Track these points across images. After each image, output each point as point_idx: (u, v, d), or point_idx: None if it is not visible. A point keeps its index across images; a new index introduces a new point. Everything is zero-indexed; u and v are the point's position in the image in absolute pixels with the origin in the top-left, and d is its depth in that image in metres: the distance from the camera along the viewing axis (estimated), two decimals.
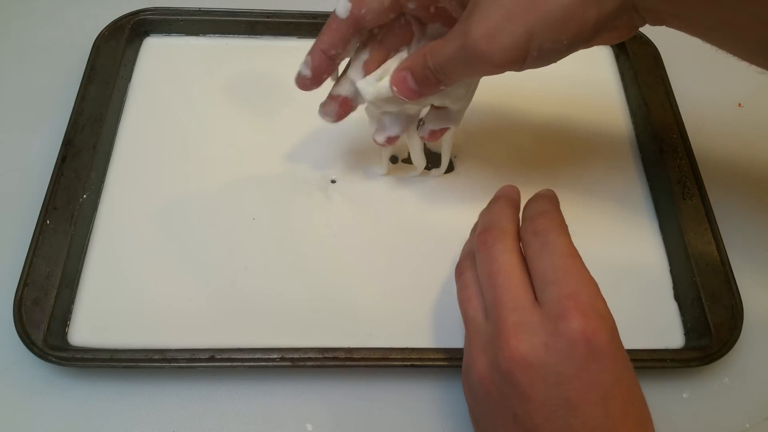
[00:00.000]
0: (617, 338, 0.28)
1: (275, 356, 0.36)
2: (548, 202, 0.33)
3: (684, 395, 0.38)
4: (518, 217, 0.34)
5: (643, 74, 0.48)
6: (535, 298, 0.29)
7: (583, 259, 0.31)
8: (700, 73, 0.49)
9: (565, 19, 0.29)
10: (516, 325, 0.28)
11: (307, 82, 0.37)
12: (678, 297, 0.40)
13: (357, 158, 0.45)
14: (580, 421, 0.27)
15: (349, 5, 0.34)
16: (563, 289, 0.28)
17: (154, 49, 0.50)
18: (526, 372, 0.27)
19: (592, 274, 0.32)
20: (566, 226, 0.32)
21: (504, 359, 0.28)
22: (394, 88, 0.34)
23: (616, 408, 0.27)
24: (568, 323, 0.27)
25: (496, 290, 0.30)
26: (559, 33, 0.29)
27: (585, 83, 0.49)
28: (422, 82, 0.34)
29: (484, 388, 0.30)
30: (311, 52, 0.36)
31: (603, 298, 0.29)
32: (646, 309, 0.40)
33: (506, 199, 0.35)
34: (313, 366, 0.36)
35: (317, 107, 0.38)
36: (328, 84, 0.38)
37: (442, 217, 0.43)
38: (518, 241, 0.32)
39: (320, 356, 0.36)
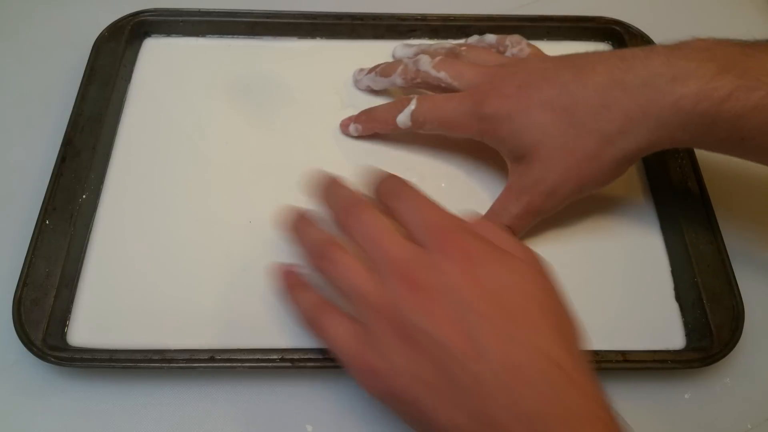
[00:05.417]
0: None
1: (275, 357, 0.35)
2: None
3: (685, 396, 0.38)
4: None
5: None
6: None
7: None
8: None
9: (611, 176, 0.37)
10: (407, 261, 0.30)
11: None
12: (679, 298, 0.40)
13: (357, 159, 0.45)
14: None
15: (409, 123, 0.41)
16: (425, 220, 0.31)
17: (154, 50, 0.50)
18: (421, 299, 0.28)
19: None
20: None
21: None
22: None
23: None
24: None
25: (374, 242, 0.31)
26: (601, 184, 0.38)
27: None
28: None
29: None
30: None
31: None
32: (646, 310, 0.40)
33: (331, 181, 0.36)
34: (313, 367, 0.36)
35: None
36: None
37: None
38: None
39: (320, 357, 0.36)
